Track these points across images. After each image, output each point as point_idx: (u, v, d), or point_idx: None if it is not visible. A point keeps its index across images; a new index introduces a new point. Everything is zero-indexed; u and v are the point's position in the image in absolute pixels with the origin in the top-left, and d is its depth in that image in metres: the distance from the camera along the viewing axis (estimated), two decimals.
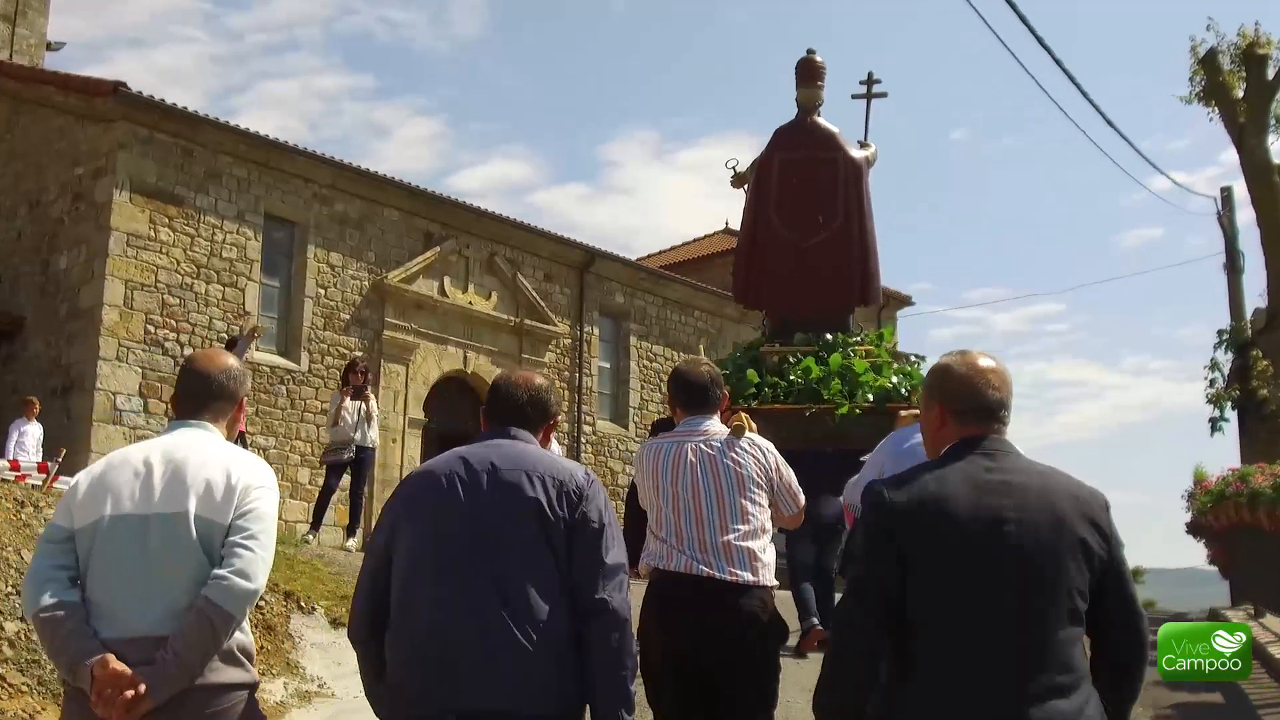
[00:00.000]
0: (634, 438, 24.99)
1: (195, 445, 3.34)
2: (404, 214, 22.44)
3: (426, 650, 3.22)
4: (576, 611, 3.28)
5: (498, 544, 3.28)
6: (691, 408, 4.85)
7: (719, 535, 4.48)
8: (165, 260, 18.98)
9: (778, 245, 8.32)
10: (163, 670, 3.01)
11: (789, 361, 8.16)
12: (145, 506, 3.19)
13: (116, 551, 3.17)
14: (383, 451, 21.01)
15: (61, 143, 19.74)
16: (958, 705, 2.72)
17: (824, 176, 8.27)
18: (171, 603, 3.10)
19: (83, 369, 18.26)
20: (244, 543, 3.14)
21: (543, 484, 3.34)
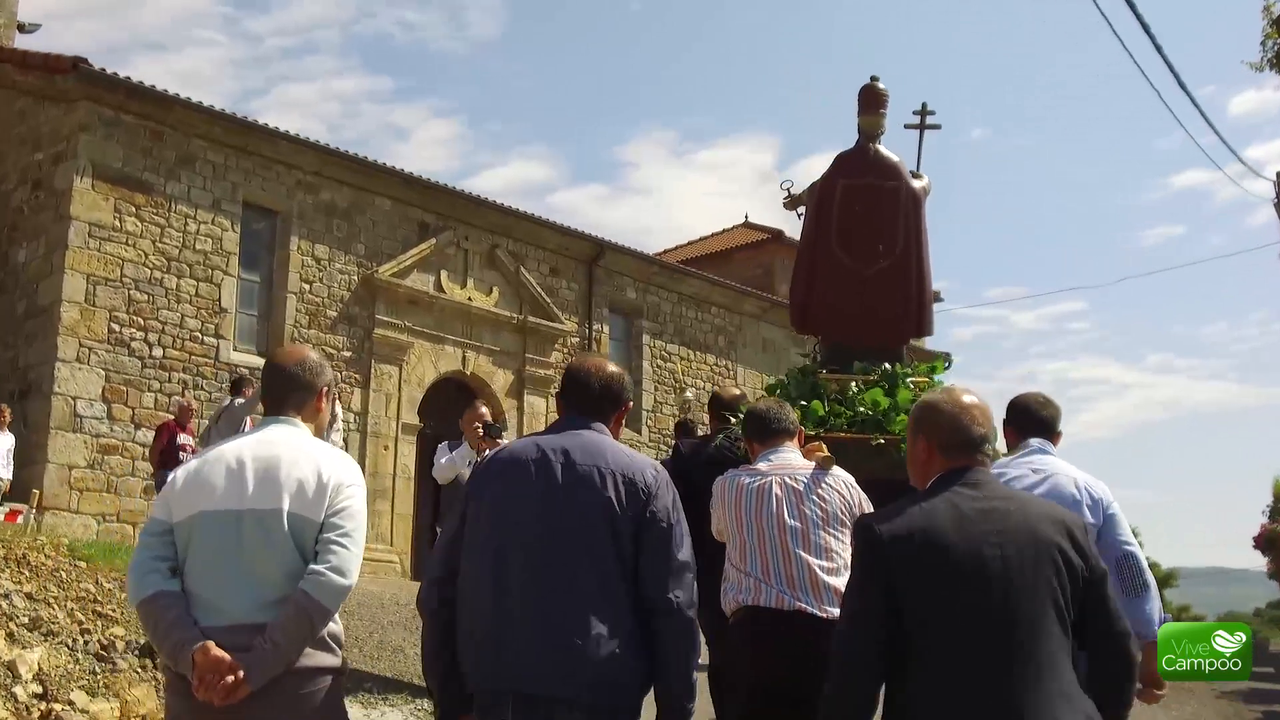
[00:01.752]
0: (647, 443, 23.31)
1: (285, 442, 3.44)
2: (397, 203, 20.79)
3: (490, 631, 3.32)
4: (643, 607, 3.36)
5: (566, 535, 3.36)
6: (767, 439, 4.98)
7: (805, 571, 4.57)
8: (131, 253, 17.38)
9: (838, 272, 8.27)
10: (260, 657, 3.12)
11: (851, 390, 8.01)
12: (239, 502, 3.30)
13: (213, 545, 3.30)
14: (373, 460, 19.41)
15: (21, 126, 18.20)
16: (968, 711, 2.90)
17: (886, 205, 8.20)
18: (265, 594, 3.22)
19: (40, 371, 16.69)
20: (339, 540, 3.27)
21: (613, 480, 3.40)
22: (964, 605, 2.96)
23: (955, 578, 2.97)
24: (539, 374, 22.46)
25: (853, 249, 8.20)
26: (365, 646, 9.06)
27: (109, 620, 7.62)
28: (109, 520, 16.67)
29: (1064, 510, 3.30)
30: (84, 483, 16.49)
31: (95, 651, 7.20)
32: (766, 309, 27.30)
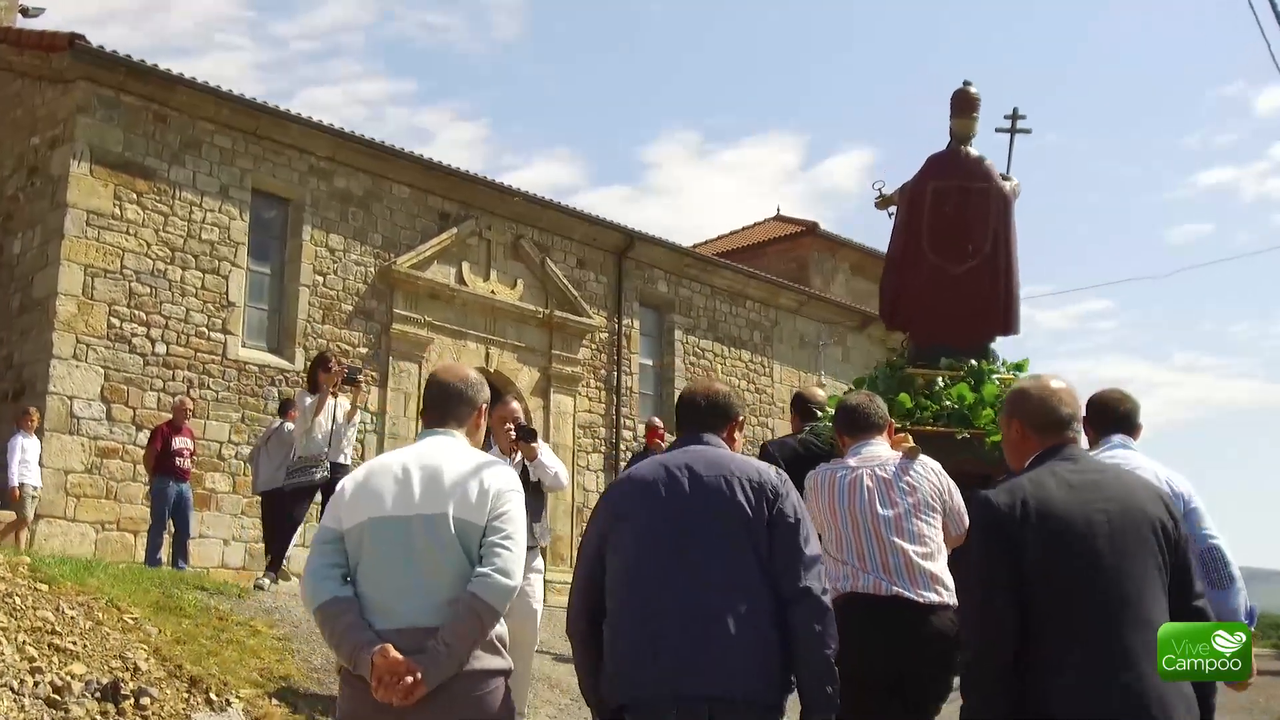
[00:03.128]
0: None
1: (446, 451, 3.59)
2: (416, 191, 19.60)
3: (645, 640, 3.50)
4: (780, 599, 3.53)
5: (705, 542, 3.56)
6: (857, 433, 5.04)
7: (900, 558, 4.66)
8: (133, 243, 16.25)
9: (927, 270, 8.38)
10: (435, 658, 3.24)
11: (938, 385, 8.13)
12: (407, 509, 3.45)
13: (384, 550, 3.44)
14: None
15: (18, 110, 17.11)
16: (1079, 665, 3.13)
17: (975, 205, 8.33)
18: (436, 596, 3.35)
19: (35, 370, 15.57)
20: (502, 543, 3.40)
21: (741, 485, 3.61)
22: (1079, 565, 3.19)
23: (1069, 540, 3.20)
24: (566, 371, 21.25)
25: (942, 248, 8.23)
26: None
27: (68, 655, 6.44)
28: (108, 529, 15.56)
29: (1155, 484, 3.63)
30: (81, 489, 15.38)
31: (45, 695, 6.01)
32: (803, 303, 26.04)
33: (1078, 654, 3.15)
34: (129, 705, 6.20)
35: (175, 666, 6.81)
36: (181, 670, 6.78)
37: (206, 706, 6.56)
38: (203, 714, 6.49)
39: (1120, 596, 3.19)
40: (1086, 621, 3.17)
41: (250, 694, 6.85)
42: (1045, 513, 3.24)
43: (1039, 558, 3.21)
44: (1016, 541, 3.23)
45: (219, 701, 6.63)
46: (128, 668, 6.56)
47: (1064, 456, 3.41)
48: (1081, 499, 3.27)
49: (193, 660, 6.99)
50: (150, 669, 6.66)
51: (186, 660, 6.95)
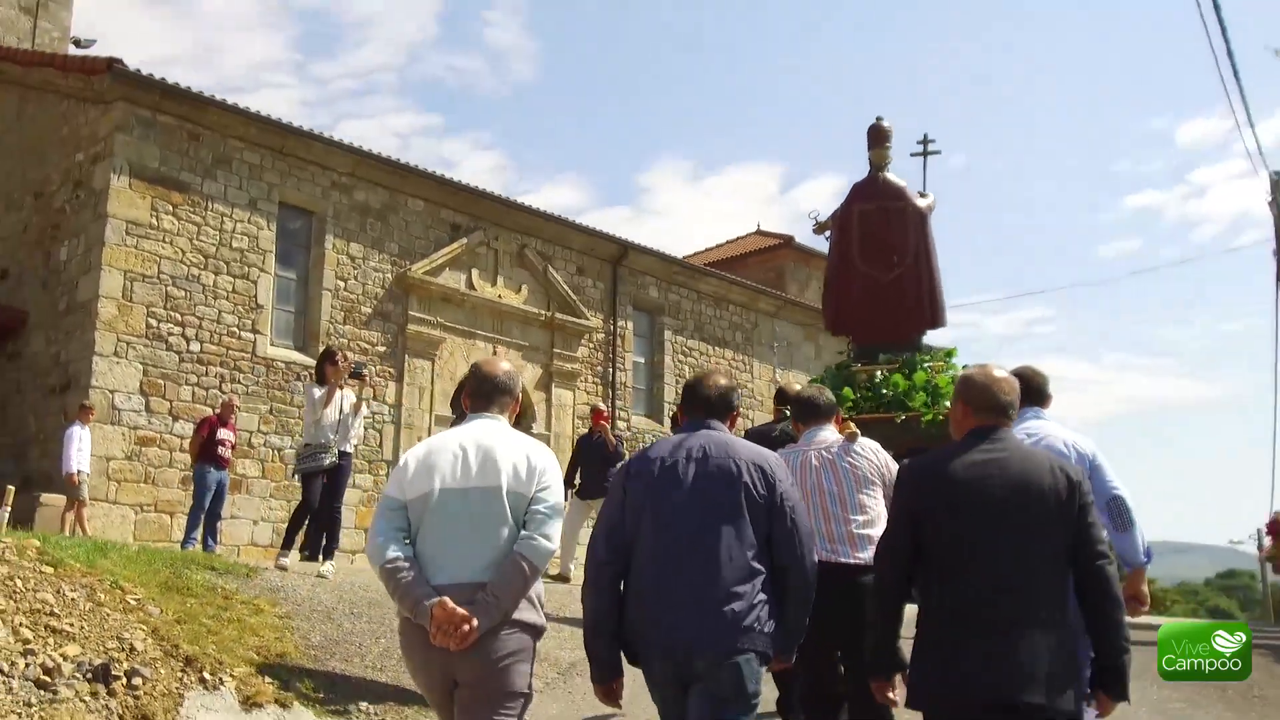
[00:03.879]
0: (670, 433, 21.40)
1: (496, 433, 3.67)
2: (429, 204, 18.92)
3: (658, 598, 3.61)
4: (777, 566, 3.65)
5: (715, 514, 3.63)
6: (810, 421, 5.22)
7: (843, 526, 4.84)
8: (169, 250, 15.58)
9: (860, 280, 8.57)
10: (485, 609, 3.36)
11: (877, 378, 8.25)
12: (465, 481, 3.52)
13: (444, 516, 3.51)
14: (407, 449, 17.53)
15: (64, 129, 16.41)
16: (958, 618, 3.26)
17: (896, 222, 8.53)
18: (487, 557, 3.44)
19: (79, 366, 14.88)
20: (545, 511, 3.52)
21: (747, 468, 3.67)
22: (971, 531, 3.31)
23: (961, 503, 3.34)
24: (566, 368, 20.57)
25: (871, 260, 8.38)
26: (367, 656, 7.17)
27: (64, 637, 5.76)
28: (146, 510, 14.89)
29: (1061, 460, 3.61)
30: (122, 474, 14.72)
31: (35, 677, 5.34)
32: (780, 307, 25.38)
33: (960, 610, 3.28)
34: (120, 685, 5.50)
35: (172, 646, 6.11)
36: (178, 650, 6.08)
37: (200, 685, 5.87)
38: (195, 692, 5.81)
39: (1010, 561, 3.27)
40: (975, 582, 3.27)
41: (244, 672, 6.16)
42: (945, 478, 3.40)
43: (937, 522, 3.36)
44: (918, 497, 3.43)
45: (212, 680, 5.93)
46: (124, 648, 5.86)
47: (989, 436, 3.49)
48: (983, 472, 3.36)
49: (190, 640, 6.30)
50: (147, 649, 5.96)
51: (184, 640, 6.25)
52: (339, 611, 8.06)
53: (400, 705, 6.44)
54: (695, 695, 3.59)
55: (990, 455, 3.41)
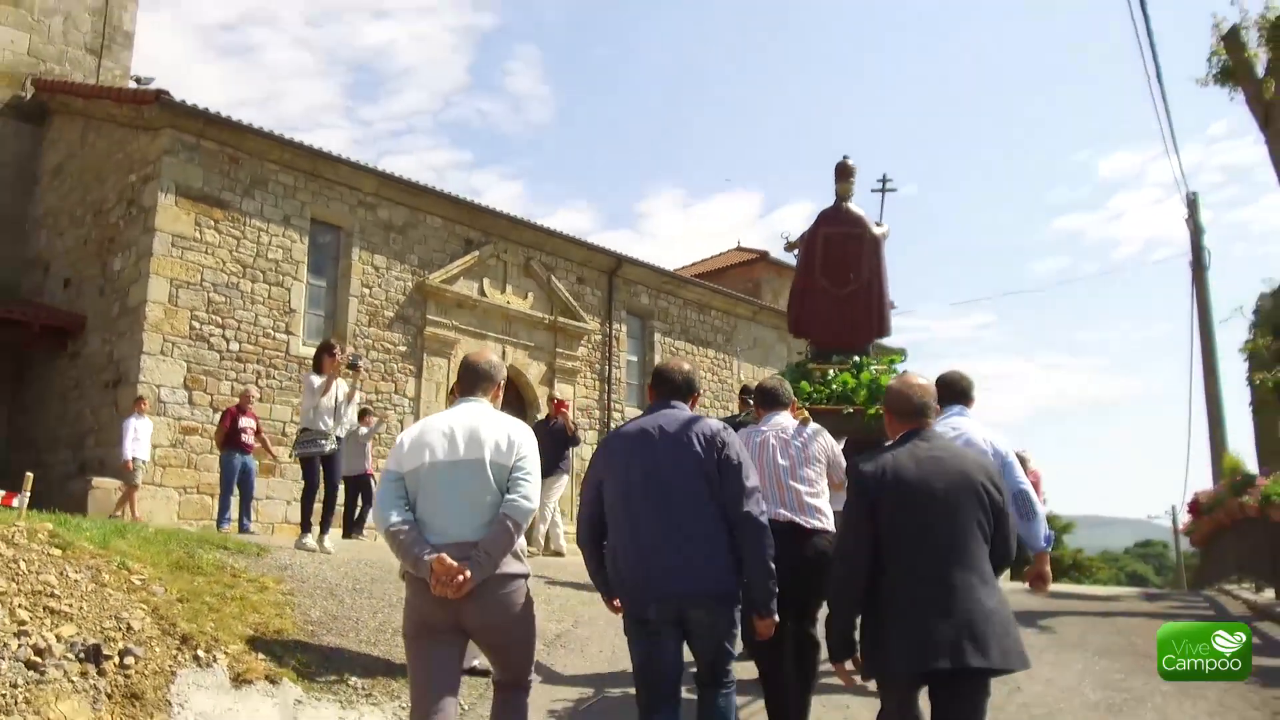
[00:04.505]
0: None
1: (481, 414, 3.71)
2: (446, 221, 18.29)
3: (632, 554, 3.69)
4: (729, 520, 3.66)
5: (674, 480, 3.68)
6: (769, 407, 5.22)
7: (793, 495, 4.82)
8: (211, 260, 14.96)
9: (820, 294, 8.65)
10: (478, 562, 3.40)
11: (829, 375, 8.39)
12: (454, 455, 3.56)
13: (438, 485, 3.54)
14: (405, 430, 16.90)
15: (120, 153, 15.79)
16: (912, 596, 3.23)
17: (853, 246, 8.64)
18: (477, 518, 3.49)
19: (129, 364, 14.26)
20: (523, 477, 3.55)
21: (698, 438, 3.72)
22: (919, 519, 3.31)
23: (913, 500, 3.33)
24: (567, 365, 19.94)
25: (831, 277, 8.50)
26: (363, 630, 6.56)
27: (61, 618, 5.16)
28: (189, 493, 14.27)
29: (986, 459, 3.74)
30: (167, 460, 14.09)
31: (26, 658, 4.74)
32: (756, 312, 24.74)
33: (916, 587, 3.25)
34: (111, 665, 4.89)
35: (169, 625, 5.49)
36: (175, 628, 5.46)
37: (194, 663, 5.26)
38: (188, 670, 5.20)
39: (950, 544, 3.27)
40: (923, 562, 3.27)
41: (238, 649, 5.55)
42: (898, 479, 3.36)
43: (890, 513, 3.33)
44: (875, 499, 3.36)
45: (206, 658, 5.32)
46: (120, 628, 5.25)
47: (920, 437, 3.52)
48: (925, 470, 3.37)
49: (189, 618, 5.68)
50: (144, 628, 5.34)
51: (183, 618, 5.63)
52: (342, 588, 7.45)
53: (389, 679, 5.82)
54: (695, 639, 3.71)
55: (929, 454, 3.43)
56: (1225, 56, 12.30)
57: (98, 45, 19.48)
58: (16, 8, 18.18)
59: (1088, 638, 7.98)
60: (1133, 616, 9.28)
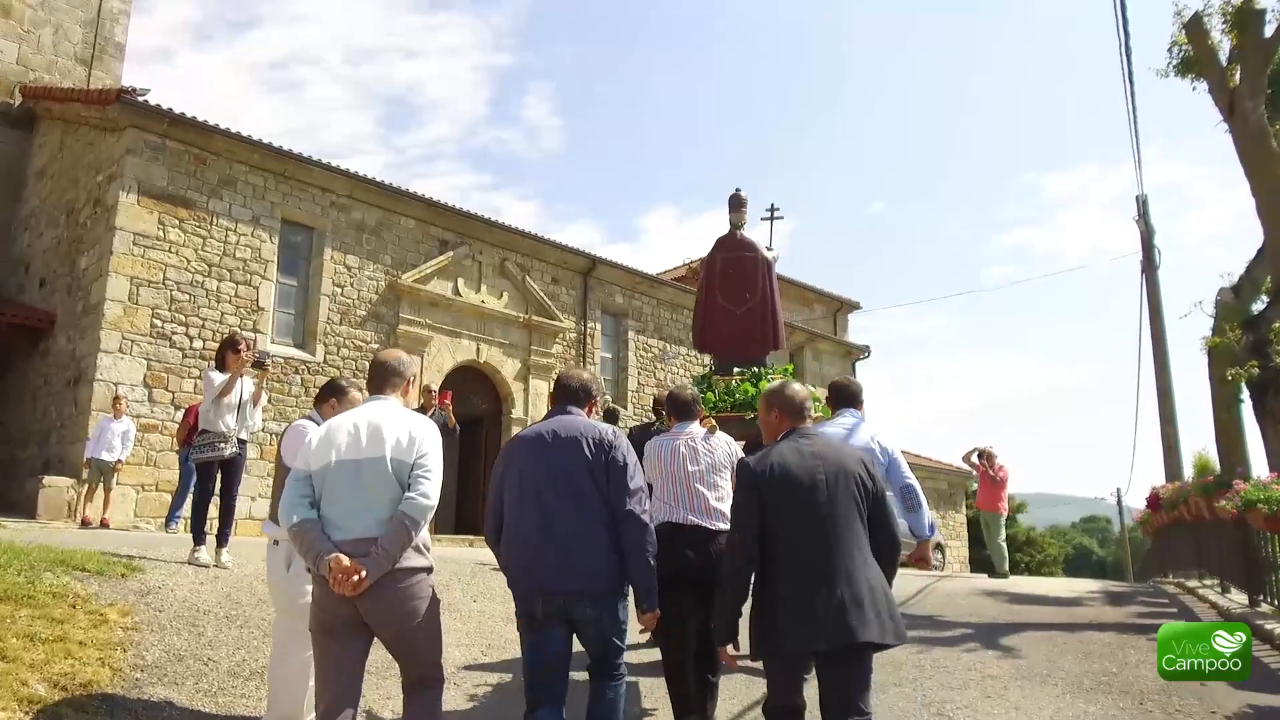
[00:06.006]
0: (633, 416, 19.10)
1: (385, 412, 3.41)
2: (420, 223, 16.59)
3: (524, 551, 3.44)
4: (614, 518, 3.45)
5: (565, 481, 3.46)
6: (680, 417, 4.96)
7: (701, 500, 4.57)
8: (174, 259, 13.28)
9: (720, 312, 8.25)
10: (375, 560, 3.12)
11: (732, 385, 7.91)
12: (357, 453, 3.28)
13: (341, 483, 3.25)
14: None
15: (90, 155, 14.12)
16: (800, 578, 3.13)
17: (748, 268, 8.29)
18: (377, 515, 3.20)
19: (89, 361, 12.59)
20: (424, 475, 3.26)
21: (587, 440, 3.52)
22: (802, 507, 3.21)
23: (797, 490, 3.23)
24: (542, 363, 18.24)
25: (729, 297, 8.30)
26: (211, 675, 4.87)
27: None
28: (148, 490, 12.58)
29: (862, 451, 3.59)
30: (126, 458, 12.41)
31: None
32: None
33: (801, 571, 3.15)
34: None
35: None
36: None
37: None
38: None
39: (831, 529, 3.19)
40: (807, 547, 3.17)
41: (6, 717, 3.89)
42: (782, 473, 3.26)
43: (776, 503, 3.24)
44: (762, 492, 3.26)
45: None
46: None
47: (801, 434, 3.42)
48: (808, 464, 3.28)
49: None
50: None
51: None
52: (212, 616, 5.76)
53: None
54: (584, 634, 3.48)
55: (813, 448, 3.35)
56: (1187, 46, 10.60)
57: (88, 56, 17.79)
58: (6, 18, 16.52)
59: (1057, 663, 6.28)
60: (1103, 630, 7.58)
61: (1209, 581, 10.78)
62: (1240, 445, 10.55)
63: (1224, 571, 9.79)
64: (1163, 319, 16.57)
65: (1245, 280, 11.21)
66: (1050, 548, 52.59)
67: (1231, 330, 9.38)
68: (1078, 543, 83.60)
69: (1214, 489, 8.42)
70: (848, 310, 30.07)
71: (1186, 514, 10.88)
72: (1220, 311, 10.49)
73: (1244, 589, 8.77)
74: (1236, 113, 10.15)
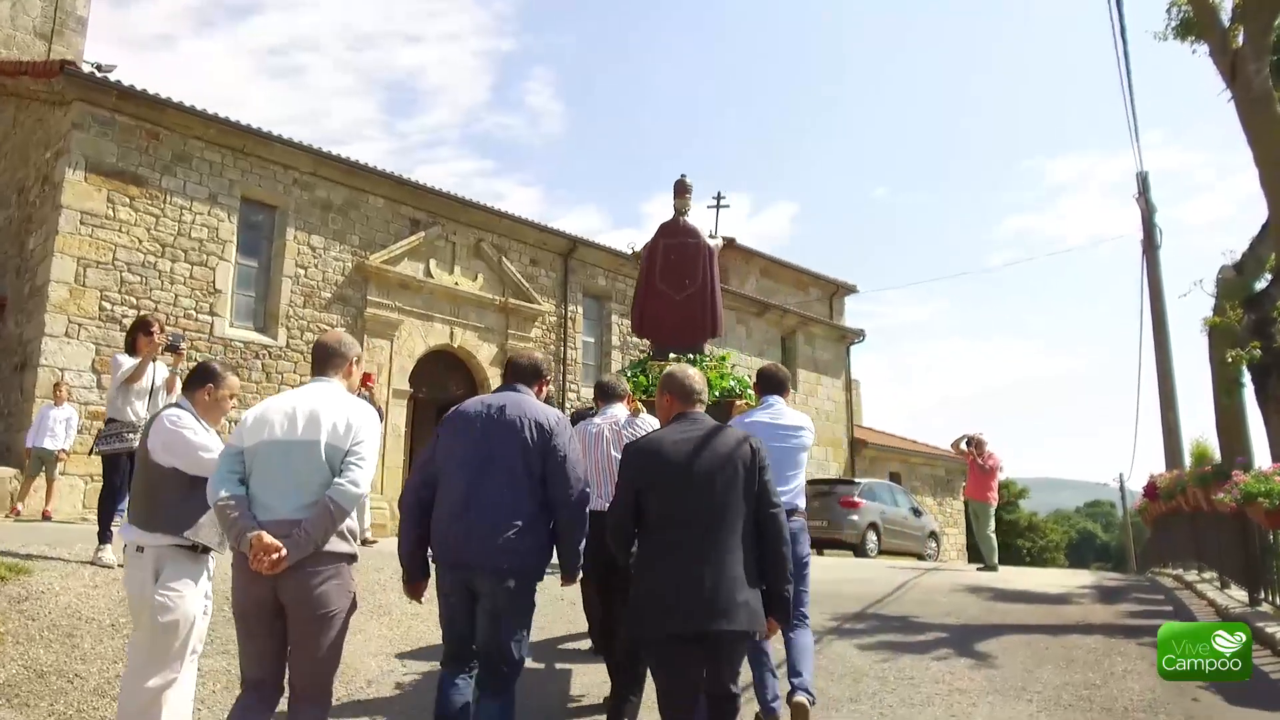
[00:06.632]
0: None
1: (323, 394, 3.37)
2: (389, 202, 15.97)
3: (451, 524, 3.42)
4: (550, 502, 3.48)
5: (501, 459, 3.46)
6: (607, 400, 5.12)
7: None
8: (125, 239, 12.69)
9: (660, 298, 8.18)
10: (296, 542, 3.08)
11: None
12: (291, 435, 3.22)
13: (272, 464, 3.21)
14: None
15: (40, 131, 13.51)
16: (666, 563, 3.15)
17: (689, 255, 8.23)
18: (305, 498, 3.15)
19: (34, 346, 12.03)
20: (355, 461, 3.20)
21: (528, 423, 3.53)
22: (677, 492, 3.21)
23: (673, 474, 3.23)
24: (520, 347, 17.62)
25: (669, 283, 8.09)
26: (69, 696, 4.34)
27: None
28: (96, 480, 12.02)
29: (747, 435, 3.42)
30: (72, 446, 11.87)
31: None
32: None
33: (667, 556, 3.18)
34: None
35: None
36: None
37: None
38: None
39: (704, 516, 3.19)
40: (675, 532, 3.19)
41: None
42: (658, 454, 3.29)
43: (651, 485, 3.26)
44: (639, 470, 3.29)
45: None
46: None
47: (687, 418, 3.44)
48: (687, 446, 3.29)
49: None
50: None
51: None
52: (97, 623, 5.21)
53: None
54: (479, 610, 3.43)
55: (692, 433, 3.36)
56: (1186, 6, 9.91)
57: (48, 30, 17.17)
58: None
59: (1035, 674, 5.71)
60: (1089, 633, 7.01)
61: (1208, 575, 10.24)
62: (1241, 432, 9.95)
63: (1223, 565, 9.23)
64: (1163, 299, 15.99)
65: (1249, 257, 10.57)
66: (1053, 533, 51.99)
67: (1232, 309, 8.75)
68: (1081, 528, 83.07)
69: (1211, 479, 7.83)
70: (844, 294, 29.43)
71: (1184, 504, 10.32)
72: (1222, 289, 9.86)
73: (1244, 585, 8.22)
74: (1239, 77, 9.46)
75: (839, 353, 26.48)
